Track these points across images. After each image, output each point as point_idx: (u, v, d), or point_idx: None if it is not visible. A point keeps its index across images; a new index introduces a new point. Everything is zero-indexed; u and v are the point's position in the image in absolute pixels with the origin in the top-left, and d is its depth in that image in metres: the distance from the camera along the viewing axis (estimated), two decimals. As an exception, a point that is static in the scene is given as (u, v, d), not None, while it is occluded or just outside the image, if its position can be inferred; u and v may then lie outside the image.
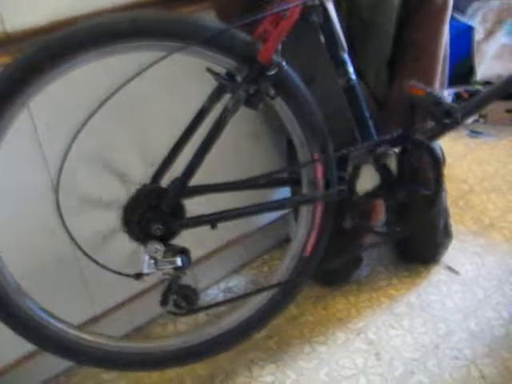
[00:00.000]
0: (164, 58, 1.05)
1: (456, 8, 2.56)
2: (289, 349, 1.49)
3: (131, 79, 1.06)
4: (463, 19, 2.66)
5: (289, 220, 1.81)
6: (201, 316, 1.60)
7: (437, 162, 1.28)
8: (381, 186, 1.28)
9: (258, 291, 1.35)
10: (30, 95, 1.03)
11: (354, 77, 1.20)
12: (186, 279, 1.22)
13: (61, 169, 1.09)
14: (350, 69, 1.19)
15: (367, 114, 1.23)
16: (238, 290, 1.72)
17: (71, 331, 1.23)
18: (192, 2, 1.38)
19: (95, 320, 1.45)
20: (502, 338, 1.45)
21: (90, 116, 1.06)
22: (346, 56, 1.18)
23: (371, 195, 1.29)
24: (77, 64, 1.04)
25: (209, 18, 1.36)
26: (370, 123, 1.24)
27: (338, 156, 1.24)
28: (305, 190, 1.29)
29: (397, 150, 1.26)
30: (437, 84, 1.43)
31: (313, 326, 1.56)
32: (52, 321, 1.20)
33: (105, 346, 1.26)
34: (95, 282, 1.40)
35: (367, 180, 1.27)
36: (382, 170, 1.27)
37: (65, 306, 1.26)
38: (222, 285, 1.73)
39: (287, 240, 1.87)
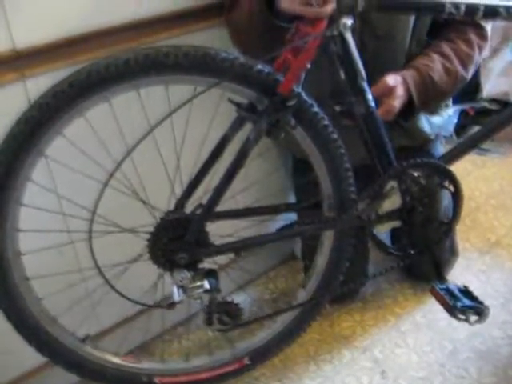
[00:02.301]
0: (202, 93, 1.08)
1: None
2: (294, 366, 1.49)
3: (172, 113, 1.08)
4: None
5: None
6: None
7: (457, 188, 1.29)
8: (401, 210, 1.29)
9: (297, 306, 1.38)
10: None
11: (373, 104, 1.20)
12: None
13: (98, 200, 1.09)
14: (369, 96, 1.19)
15: (386, 140, 1.23)
16: (244, 307, 1.71)
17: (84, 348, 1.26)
18: (202, 19, 1.40)
19: (100, 337, 1.45)
20: (508, 357, 1.45)
21: (128, 153, 1.08)
22: (365, 84, 1.18)
23: (390, 217, 1.29)
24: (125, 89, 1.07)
25: (218, 34, 1.39)
26: (390, 149, 1.24)
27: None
28: (325, 214, 1.30)
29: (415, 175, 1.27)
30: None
31: (318, 344, 1.56)
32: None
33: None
34: (101, 301, 1.40)
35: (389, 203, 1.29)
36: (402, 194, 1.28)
37: (70, 323, 1.27)
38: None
39: (293, 257, 1.88)
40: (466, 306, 1.32)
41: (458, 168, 1.31)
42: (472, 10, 1.15)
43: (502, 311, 1.61)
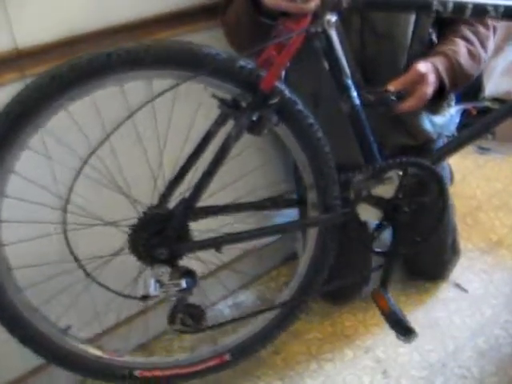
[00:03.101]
0: (176, 86, 1.08)
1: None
2: (295, 366, 1.49)
3: (145, 104, 1.09)
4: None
5: (296, 236, 1.81)
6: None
7: (441, 187, 1.28)
8: (387, 202, 1.28)
9: (265, 310, 1.37)
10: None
11: (357, 102, 1.19)
12: (195, 295, 1.23)
13: (70, 189, 1.10)
14: (354, 94, 1.19)
15: (371, 138, 1.23)
16: (246, 306, 1.72)
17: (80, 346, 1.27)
18: (202, 20, 1.40)
19: (100, 335, 1.46)
20: (510, 356, 1.45)
21: (104, 139, 1.09)
22: (349, 81, 1.17)
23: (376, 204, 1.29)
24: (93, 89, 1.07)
25: (217, 35, 1.38)
26: (374, 147, 1.24)
27: (341, 179, 1.25)
28: (310, 212, 1.29)
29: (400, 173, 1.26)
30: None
31: (320, 343, 1.56)
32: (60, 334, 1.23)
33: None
34: (101, 298, 1.40)
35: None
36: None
37: (70, 320, 1.27)
38: (230, 301, 1.74)
39: (294, 256, 1.88)
40: (401, 320, 1.33)
41: (459, 167, 1.31)
42: (460, 7, 1.14)
43: (504, 311, 1.61)
